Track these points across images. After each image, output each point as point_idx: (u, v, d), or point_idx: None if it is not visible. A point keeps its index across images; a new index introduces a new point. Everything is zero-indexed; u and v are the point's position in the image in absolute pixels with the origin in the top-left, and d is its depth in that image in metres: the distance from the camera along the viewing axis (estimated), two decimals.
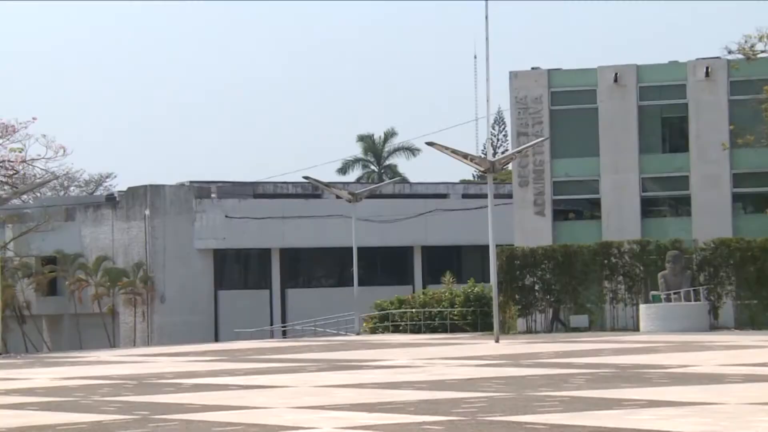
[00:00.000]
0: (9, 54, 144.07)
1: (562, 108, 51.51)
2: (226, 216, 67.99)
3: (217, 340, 64.54)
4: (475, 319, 52.75)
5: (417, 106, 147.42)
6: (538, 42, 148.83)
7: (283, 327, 66.40)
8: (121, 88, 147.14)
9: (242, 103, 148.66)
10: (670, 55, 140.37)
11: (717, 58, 49.39)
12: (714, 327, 45.16)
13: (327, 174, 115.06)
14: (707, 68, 49.85)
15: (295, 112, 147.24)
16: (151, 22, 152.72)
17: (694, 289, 45.04)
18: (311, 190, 70.21)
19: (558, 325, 47.74)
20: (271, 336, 63.03)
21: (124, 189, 71.72)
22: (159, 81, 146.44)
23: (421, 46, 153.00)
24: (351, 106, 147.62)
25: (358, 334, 53.80)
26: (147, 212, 67.78)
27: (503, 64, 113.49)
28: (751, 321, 45.69)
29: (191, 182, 70.43)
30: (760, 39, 44.60)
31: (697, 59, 50.59)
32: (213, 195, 69.34)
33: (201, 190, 69.37)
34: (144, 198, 68.16)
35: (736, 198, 50.10)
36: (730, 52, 45.51)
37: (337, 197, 60.84)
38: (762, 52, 45.11)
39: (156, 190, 68.29)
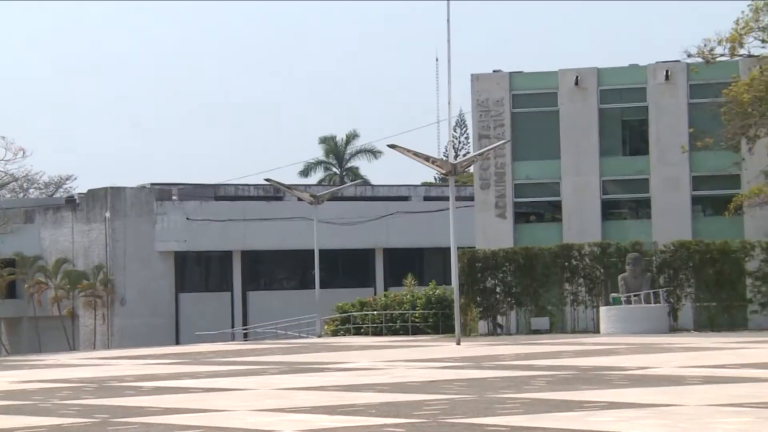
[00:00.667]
0: None
1: (524, 111, 51.67)
2: (187, 218, 67.76)
3: (178, 342, 64.30)
4: (436, 322, 52.82)
5: (379, 108, 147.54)
6: (499, 45, 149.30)
7: (244, 329, 66.26)
8: (81, 90, 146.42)
9: (203, 105, 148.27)
10: (631, 59, 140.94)
11: (677, 61, 49.68)
12: (673, 329, 45.44)
13: (289, 176, 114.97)
14: (667, 71, 50.13)
15: (257, 114, 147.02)
16: (111, 21, 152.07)
17: (653, 292, 45.30)
18: (273, 192, 70.11)
19: (498, 330, 48.20)
20: (233, 338, 62.87)
21: (85, 191, 71.37)
22: (120, 83, 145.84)
23: (383, 49, 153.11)
24: (313, 108, 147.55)
25: (319, 336, 53.75)
26: (107, 214, 67.44)
27: (465, 66, 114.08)
28: (710, 323, 46.00)
29: (152, 184, 70.17)
30: (720, 43, 44.89)
31: (657, 62, 50.88)
32: (174, 197, 69.10)
33: (162, 192, 69.11)
34: (104, 200, 67.83)
35: (696, 200, 50.41)
36: (689, 56, 45.79)
37: (299, 199, 60.78)
38: (721, 55, 45.39)
39: (116, 192, 67.99)
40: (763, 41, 44.83)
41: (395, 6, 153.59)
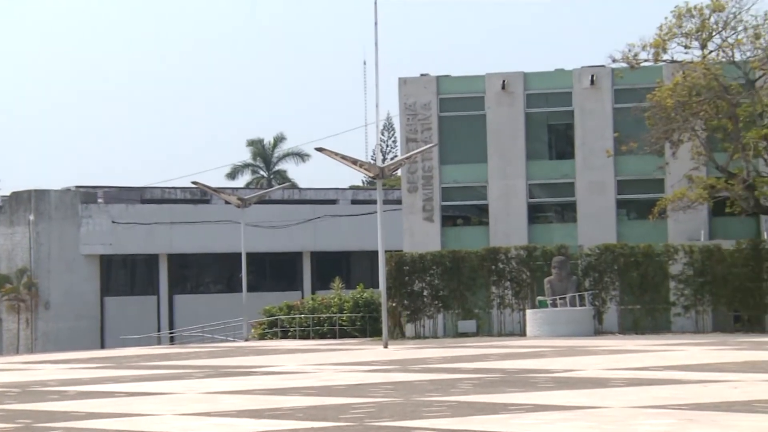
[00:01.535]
0: None
1: (451, 114, 51.87)
2: (113, 221, 67.23)
3: (103, 346, 63.75)
4: (364, 325, 52.85)
5: (307, 111, 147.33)
6: (427, 49, 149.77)
7: (170, 333, 65.86)
8: (4, 91, 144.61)
9: (130, 106, 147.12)
10: (557, 63, 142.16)
11: (602, 66, 50.15)
12: (599, 332, 45.85)
13: (216, 179, 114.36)
14: (592, 76, 50.58)
15: (184, 117, 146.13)
16: (34, 18, 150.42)
17: (579, 295, 45.67)
18: (200, 195, 69.77)
19: (397, 333, 48.55)
20: (158, 342, 62.44)
21: (8, 194, 70.50)
22: (43, 83, 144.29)
23: (311, 52, 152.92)
24: (241, 110, 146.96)
25: (246, 340, 53.55)
26: (31, 217, 66.69)
27: (393, 70, 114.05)
28: (634, 325, 46.47)
29: (77, 187, 69.53)
30: (644, 48, 45.36)
31: (583, 67, 51.31)
32: (99, 200, 68.51)
33: (87, 195, 68.50)
34: (28, 203, 67.07)
35: (621, 204, 50.90)
36: (614, 61, 46.20)
37: (226, 202, 60.54)
38: (645, 60, 45.87)
39: (41, 194, 67.27)
40: (686, 47, 45.39)
41: (324, 10, 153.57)
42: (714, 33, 45.03)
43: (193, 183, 59.66)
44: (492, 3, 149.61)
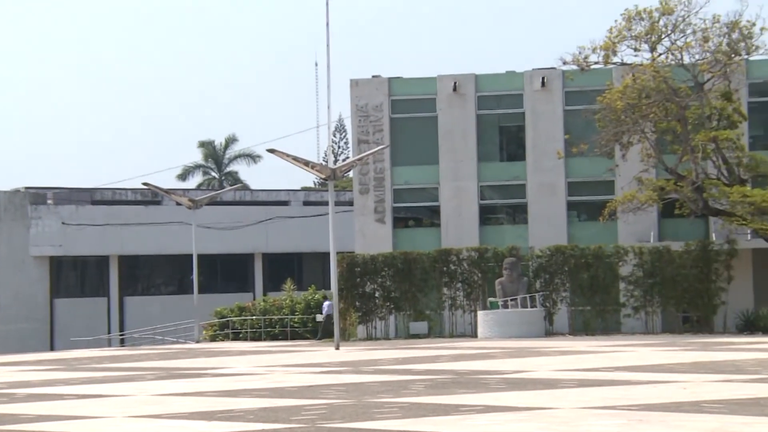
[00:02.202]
0: None
1: (403, 116, 51.95)
2: (63, 222, 66.78)
3: (52, 348, 63.29)
4: (315, 327, 52.83)
5: (258, 112, 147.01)
6: (379, 50, 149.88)
7: (121, 335, 65.50)
8: None
9: (80, 107, 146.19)
10: (508, 65, 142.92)
11: (552, 68, 50.40)
12: (549, 333, 46.10)
13: (167, 180, 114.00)
14: (543, 78, 50.83)
15: (135, 117, 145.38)
16: None
17: (530, 296, 45.88)
18: (151, 196, 69.47)
19: (323, 334, 48.83)
20: (109, 344, 62.09)
21: None
22: None
23: (263, 53, 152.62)
24: (192, 111, 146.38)
25: (197, 341, 53.37)
26: None
27: (344, 71, 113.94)
28: (584, 327, 46.75)
29: (26, 188, 68.98)
30: (594, 50, 45.65)
31: (534, 69, 51.56)
32: (49, 201, 68.03)
33: (36, 196, 68.00)
34: None
35: (571, 206, 51.19)
36: (565, 63, 46.45)
37: (177, 204, 60.32)
38: (595, 63, 46.15)
39: None
40: (635, 50, 45.73)
41: (275, 11, 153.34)
42: (663, 36, 45.39)
43: (144, 184, 59.41)
44: (443, 5, 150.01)
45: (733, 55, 45.12)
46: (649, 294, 46.78)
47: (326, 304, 51.84)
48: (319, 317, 51.73)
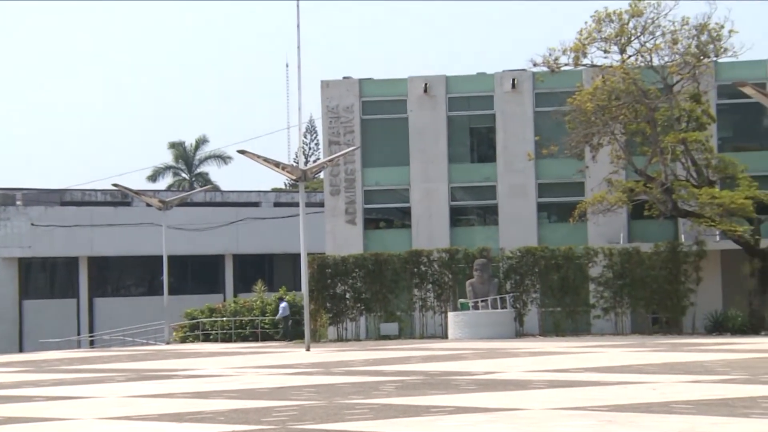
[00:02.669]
0: None
1: (373, 117, 51.99)
2: (32, 224, 66.47)
3: (21, 350, 63.00)
4: (286, 328, 52.75)
5: (229, 113, 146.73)
6: (349, 52, 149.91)
7: (90, 337, 65.24)
8: None
9: (49, 107, 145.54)
10: (478, 67, 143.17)
11: (523, 70, 50.53)
12: (520, 334, 46.21)
13: (137, 181, 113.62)
14: (513, 80, 50.96)
15: (105, 118, 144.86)
16: None
17: (500, 297, 45.98)
18: (120, 197, 69.25)
19: (284, 335, 48.98)
20: (78, 346, 61.83)
21: None
22: None
23: (234, 54, 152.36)
24: (162, 112, 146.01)
25: (168, 343, 53.23)
26: None
27: (315, 72, 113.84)
28: (555, 328, 46.88)
29: None
30: (564, 52, 45.78)
31: (504, 71, 51.67)
32: (18, 202, 67.70)
33: (5, 197, 67.65)
34: None
35: (541, 207, 51.33)
36: (535, 65, 46.57)
37: (148, 205, 60.13)
38: (565, 65, 46.28)
39: None
40: (605, 51, 45.89)
41: (246, 12, 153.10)
42: (633, 38, 45.58)
43: (114, 185, 59.21)
44: (414, 6, 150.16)
45: (701, 57, 45.36)
46: (618, 295, 46.96)
47: (282, 305, 51.99)
48: (279, 317, 51.90)
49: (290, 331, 51.53)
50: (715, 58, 46.14)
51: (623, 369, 26.89)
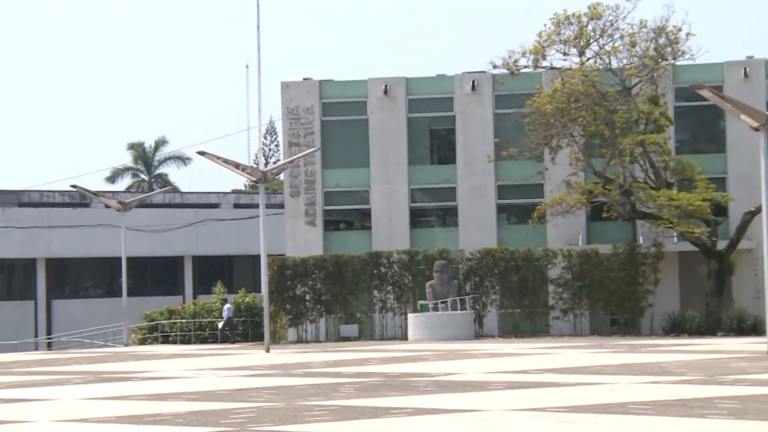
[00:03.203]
0: None
1: (334, 119, 51.97)
2: None
3: None
4: (245, 329, 52.69)
5: (189, 114, 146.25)
6: (310, 53, 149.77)
7: (48, 339, 64.86)
8: None
9: (7, 107, 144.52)
10: (438, 69, 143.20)
11: (483, 72, 50.65)
12: (479, 335, 46.32)
13: (96, 183, 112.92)
14: (473, 82, 51.08)
15: (63, 119, 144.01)
16: None
17: (460, 299, 46.06)
18: (79, 198, 68.84)
19: (228, 336, 49.05)
20: (36, 348, 61.46)
21: None
22: None
23: (193, 54, 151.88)
24: (121, 113, 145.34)
25: (126, 345, 53.01)
26: None
27: (275, 74, 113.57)
28: (514, 329, 47.02)
29: None
30: (524, 54, 45.95)
31: (464, 73, 51.78)
32: None
33: None
34: None
35: (501, 209, 51.45)
36: (495, 67, 46.71)
37: (106, 206, 59.86)
38: (525, 67, 46.44)
39: None
40: (564, 54, 46.09)
41: (205, 13, 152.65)
42: (591, 40, 45.80)
43: (73, 186, 58.89)
44: (374, 8, 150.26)
45: (659, 60, 45.65)
46: (577, 296, 47.17)
47: (226, 307, 51.98)
48: (224, 316, 51.97)
49: (234, 333, 51.58)
50: (672, 61, 46.45)
51: (582, 370, 27.01)
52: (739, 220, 45.47)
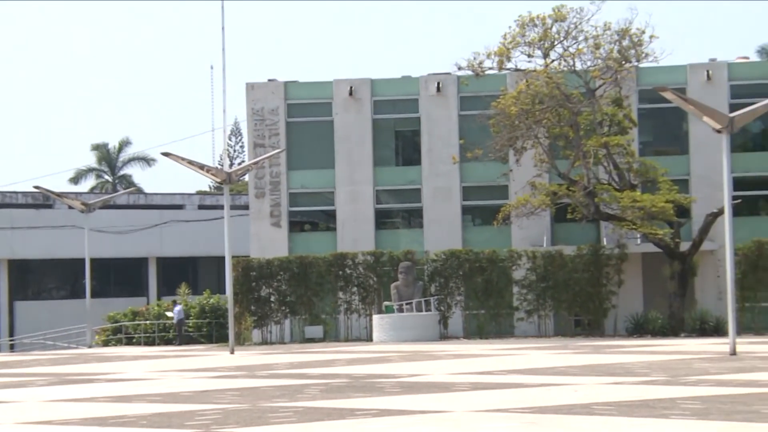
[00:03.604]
0: None
1: (299, 120, 51.94)
2: None
3: None
4: (210, 331, 52.58)
5: (153, 115, 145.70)
6: (275, 54, 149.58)
7: (10, 340, 64.48)
8: None
9: None
10: (403, 70, 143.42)
11: (448, 73, 50.77)
12: (444, 336, 46.41)
13: (59, 184, 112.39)
14: (438, 83, 51.17)
15: (26, 120, 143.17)
16: None
17: (425, 300, 46.13)
18: (42, 199, 68.47)
19: (180, 337, 49.12)
20: None
21: None
22: None
23: (157, 55, 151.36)
24: (85, 114, 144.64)
25: (90, 347, 52.77)
26: None
27: (240, 75, 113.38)
28: (478, 330, 47.14)
29: None
30: (488, 56, 46.07)
31: (429, 74, 51.88)
32: None
33: None
34: None
35: (466, 210, 51.58)
36: (460, 68, 46.81)
37: (70, 207, 59.57)
38: (490, 68, 46.57)
39: None
40: (529, 55, 46.25)
41: (170, 13, 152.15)
42: (556, 42, 45.97)
43: (36, 187, 58.59)
44: (339, 10, 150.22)
45: (623, 62, 45.88)
46: (541, 297, 47.34)
47: (176, 309, 51.91)
48: (173, 319, 52.02)
49: (184, 335, 51.54)
50: (636, 63, 46.70)
51: (546, 371, 27.10)
52: (701, 221, 45.76)
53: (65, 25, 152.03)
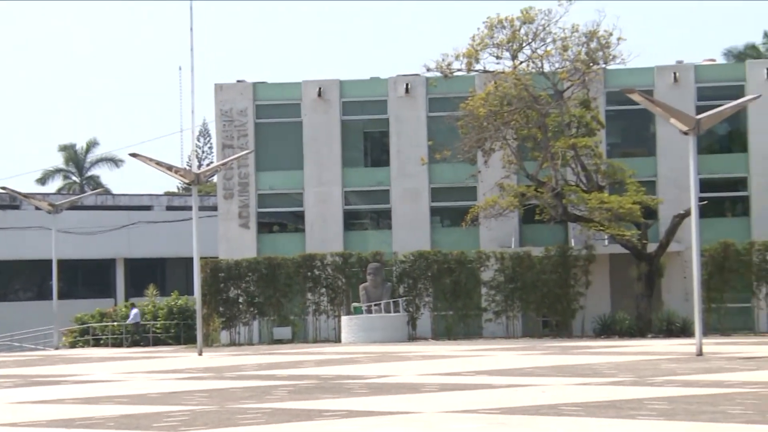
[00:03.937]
0: None
1: (267, 121, 51.89)
2: None
3: None
4: (178, 332, 52.46)
5: (121, 116, 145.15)
6: (243, 55, 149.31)
7: None
8: None
9: None
10: (372, 71, 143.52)
11: (416, 75, 50.85)
12: (412, 337, 46.47)
13: (26, 184, 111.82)
14: (407, 85, 51.24)
15: None
16: None
17: (393, 301, 46.18)
18: (9, 200, 68.12)
19: (140, 338, 49.24)
20: None
21: None
22: None
23: (125, 55, 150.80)
24: (52, 114, 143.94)
25: (57, 348, 52.53)
26: None
27: (209, 76, 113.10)
28: (447, 331, 47.22)
29: None
30: (457, 57, 46.17)
31: (398, 76, 51.94)
32: None
33: None
34: None
35: (434, 211, 51.66)
36: (428, 70, 46.91)
37: (37, 208, 59.31)
38: (458, 70, 46.67)
39: None
40: (497, 57, 46.37)
41: (138, 13, 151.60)
42: (524, 44, 46.11)
43: (2, 188, 58.32)
44: (307, 11, 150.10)
45: (591, 64, 46.06)
46: (509, 299, 47.45)
47: (133, 311, 51.80)
48: (130, 321, 51.99)
49: (142, 337, 51.44)
50: (604, 65, 46.89)
51: (514, 372, 27.18)
52: (668, 222, 45.99)
53: (32, 25, 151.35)
